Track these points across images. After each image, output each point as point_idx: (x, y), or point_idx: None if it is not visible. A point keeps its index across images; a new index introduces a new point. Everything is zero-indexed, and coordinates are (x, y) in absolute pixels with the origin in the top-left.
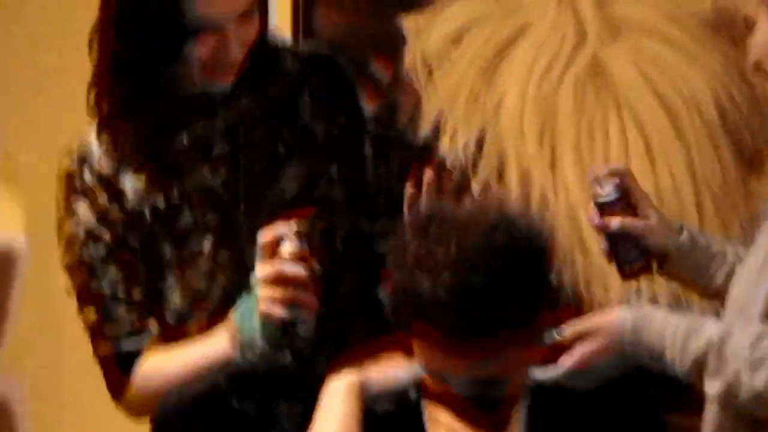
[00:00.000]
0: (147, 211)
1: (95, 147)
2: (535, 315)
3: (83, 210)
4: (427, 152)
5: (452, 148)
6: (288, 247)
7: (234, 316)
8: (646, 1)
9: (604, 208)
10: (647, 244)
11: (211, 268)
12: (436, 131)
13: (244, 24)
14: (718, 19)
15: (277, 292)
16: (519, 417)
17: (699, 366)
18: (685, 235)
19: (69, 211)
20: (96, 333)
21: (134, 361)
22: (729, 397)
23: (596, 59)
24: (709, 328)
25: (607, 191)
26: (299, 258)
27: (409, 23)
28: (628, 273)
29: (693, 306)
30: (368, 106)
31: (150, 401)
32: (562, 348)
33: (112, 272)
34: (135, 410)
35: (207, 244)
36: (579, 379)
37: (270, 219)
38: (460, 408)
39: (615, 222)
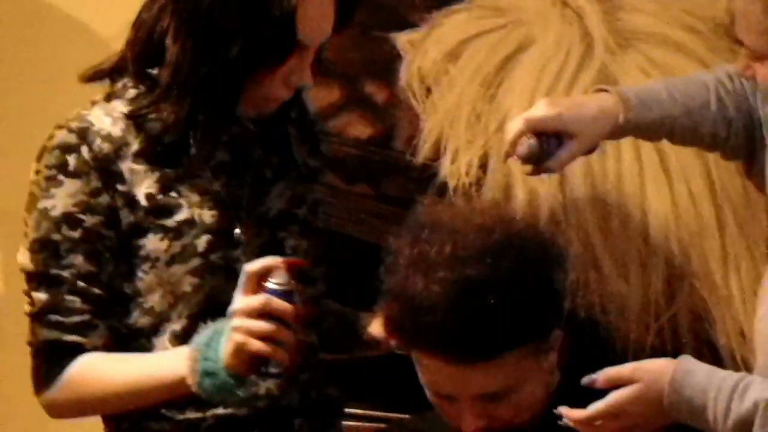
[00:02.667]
0: (141, 197)
1: (96, 125)
2: (543, 328)
3: (70, 190)
4: (426, 175)
5: (454, 170)
6: (278, 279)
7: (198, 339)
8: (656, 9)
9: (538, 164)
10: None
11: (202, 266)
12: (437, 153)
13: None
14: (732, 23)
15: (257, 326)
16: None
17: (744, 428)
18: (621, 116)
19: (49, 186)
20: (40, 317)
21: (73, 356)
22: None
23: (605, 71)
24: (756, 389)
25: (525, 152)
26: (287, 293)
27: (403, 41)
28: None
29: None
30: (364, 130)
31: (78, 405)
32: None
33: (79, 260)
34: (56, 409)
35: (202, 242)
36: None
37: (260, 235)
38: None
39: (554, 167)
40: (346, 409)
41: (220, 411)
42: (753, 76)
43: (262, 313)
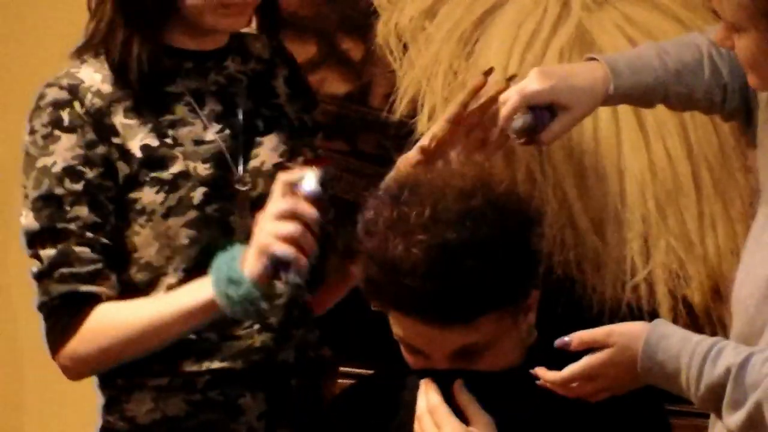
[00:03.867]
0: (136, 150)
1: (87, 82)
2: (521, 290)
3: (67, 144)
4: (403, 132)
5: (431, 126)
6: (307, 187)
7: (221, 257)
8: None
9: (528, 138)
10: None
11: (198, 219)
12: (413, 110)
13: None
14: None
15: (284, 228)
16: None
17: (716, 395)
18: (611, 84)
19: (47, 143)
20: (50, 273)
21: (88, 308)
22: (750, 431)
23: (581, 28)
24: (729, 354)
25: (518, 125)
26: (315, 201)
27: None
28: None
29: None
30: (340, 86)
31: (101, 354)
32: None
33: (84, 211)
34: (78, 364)
35: (198, 194)
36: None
37: (254, 185)
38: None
39: (545, 139)
40: (341, 368)
41: (216, 365)
42: (732, 48)
43: (290, 216)
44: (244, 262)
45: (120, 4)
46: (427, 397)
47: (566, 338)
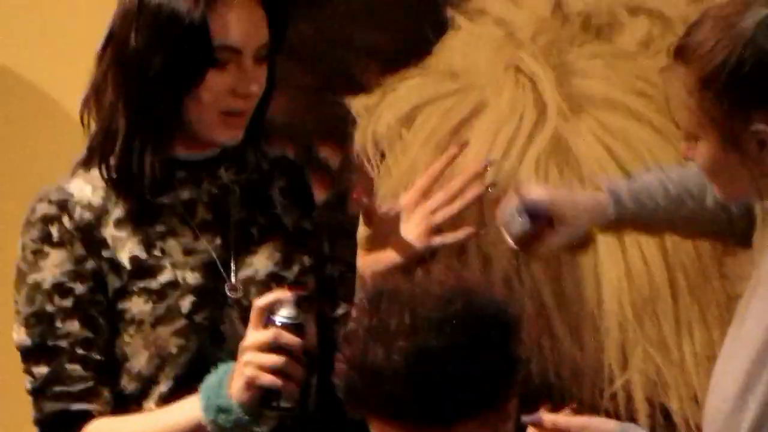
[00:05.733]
0: (125, 261)
1: (77, 196)
2: (501, 396)
3: (57, 260)
4: None
5: None
6: (285, 312)
7: (209, 380)
8: (608, 74)
9: (523, 242)
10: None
11: (187, 327)
12: None
13: (257, 66)
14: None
15: (268, 360)
16: None
17: None
18: (611, 210)
19: (37, 259)
20: (43, 390)
21: (81, 426)
22: None
23: (558, 136)
24: None
25: (521, 224)
26: (295, 326)
27: (357, 105)
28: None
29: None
30: (318, 194)
31: None
32: None
33: (75, 327)
34: None
35: (186, 303)
36: None
37: (246, 294)
38: None
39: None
40: None
41: None
42: (693, 158)
43: (273, 347)
44: (233, 388)
45: (134, 116)
46: None
47: (540, 415)
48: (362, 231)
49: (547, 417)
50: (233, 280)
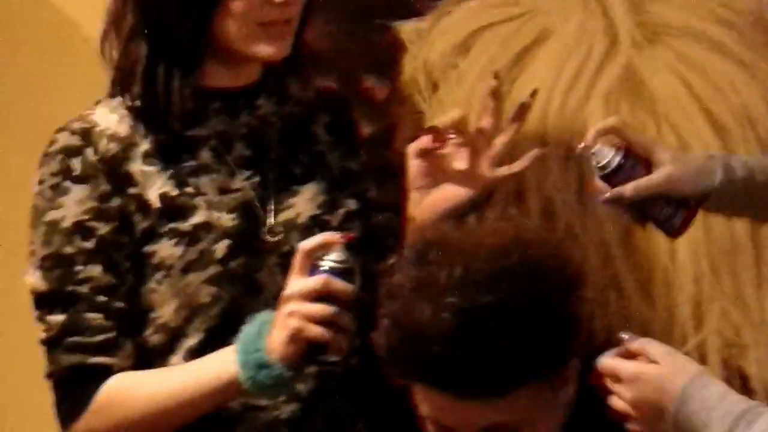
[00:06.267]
0: (154, 198)
1: (102, 125)
2: (560, 358)
3: (78, 196)
4: None
5: None
6: (335, 257)
7: (246, 331)
8: (688, 1)
9: (611, 178)
10: (677, 196)
11: (220, 275)
12: None
13: None
14: None
15: (317, 309)
16: None
17: None
18: (719, 175)
19: (56, 195)
20: (59, 341)
21: (100, 381)
22: None
23: (631, 69)
24: (765, 421)
25: (608, 158)
26: (346, 272)
27: (407, 31)
28: (674, 232)
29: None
30: (363, 129)
31: (116, 430)
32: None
33: (97, 272)
34: None
35: (221, 248)
36: None
37: (286, 239)
38: None
39: (629, 189)
40: None
41: None
42: None
43: (320, 296)
44: (273, 341)
45: (157, 39)
46: None
47: (626, 336)
48: (413, 166)
49: (631, 339)
50: (272, 222)
